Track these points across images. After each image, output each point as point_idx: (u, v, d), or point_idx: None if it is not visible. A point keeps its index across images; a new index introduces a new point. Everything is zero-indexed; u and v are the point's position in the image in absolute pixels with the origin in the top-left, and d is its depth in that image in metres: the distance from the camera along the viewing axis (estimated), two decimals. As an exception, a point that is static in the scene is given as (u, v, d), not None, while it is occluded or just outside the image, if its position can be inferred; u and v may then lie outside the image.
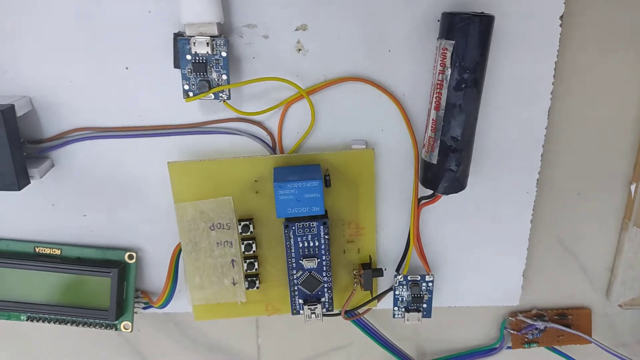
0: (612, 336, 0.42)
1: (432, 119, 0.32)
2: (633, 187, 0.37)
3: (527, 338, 0.41)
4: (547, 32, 0.32)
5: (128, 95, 0.34)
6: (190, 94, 0.32)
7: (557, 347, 0.41)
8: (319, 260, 0.35)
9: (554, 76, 0.33)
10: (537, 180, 0.36)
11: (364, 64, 0.33)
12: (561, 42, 0.33)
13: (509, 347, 0.42)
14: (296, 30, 0.32)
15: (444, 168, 0.32)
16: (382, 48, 0.33)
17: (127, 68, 0.33)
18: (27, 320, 0.38)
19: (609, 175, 0.37)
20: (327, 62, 0.33)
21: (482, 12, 0.30)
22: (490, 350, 0.42)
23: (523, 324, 0.41)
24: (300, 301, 0.36)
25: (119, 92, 0.34)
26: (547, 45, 0.33)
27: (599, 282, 0.40)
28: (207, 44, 0.30)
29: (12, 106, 0.32)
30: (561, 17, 0.32)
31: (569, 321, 0.41)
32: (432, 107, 0.31)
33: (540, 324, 0.40)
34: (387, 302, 0.39)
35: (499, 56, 0.32)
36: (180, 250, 0.36)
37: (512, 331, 0.41)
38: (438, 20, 0.32)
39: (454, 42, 0.30)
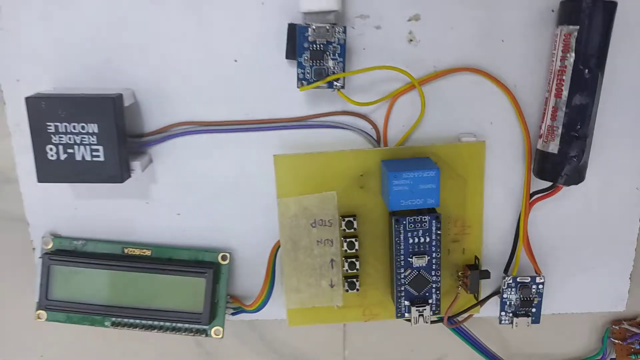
0: None
1: (552, 107, 0.31)
2: None
3: (633, 348, 0.39)
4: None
5: (234, 88, 0.33)
6: (305, 82, 0.31)
7: (665, 359, 0.39)
8: (429, 257, 0.33)
9: (667, 68, 0.33)
10: (648, 176, 0.35)
11: (475, 54, 0.33)
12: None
13: (612, 359, 0.39)
14: (409, 20, 0.32)
15: (566, 157, 0.31)
16: (495, 38, 0.32)
17: (235, 60, 0.33)
18: (111, 326, 0.36)
19: None
20: (438, 53, 0.33)
21: (603, -1, 0.30)
22: (593, 362, 0.40)
23: (628, 333, 0.39)
24: (407, 303, 0.34)
25: (225, 85, 0.33)
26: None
27: None
28: (327, 30, 0.30)
29: (121, 95, 0.32)
30: (676, 7, 0.32)
31: (677, 330, 0.39)
32: (552, 94, 0.31)
33: (647, 333, 0.38)
34: (485, 309, 0.37)
35: (617, 45, 0.32)
36: (277, 250, 0.35)
37: (616, 340, 0.39)
38: (552, 11, 0.32)
39: (578, 27, 0.29)
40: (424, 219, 0.32)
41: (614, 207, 0.36)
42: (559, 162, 0.31)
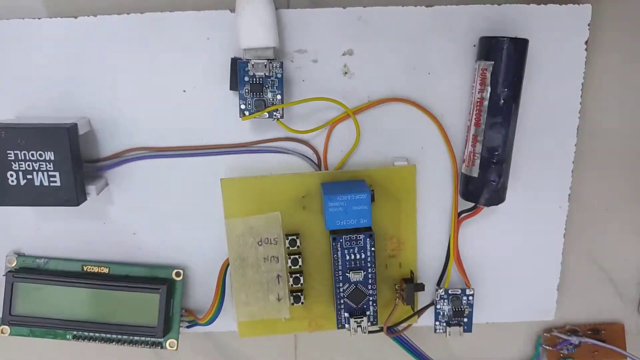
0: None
1: (473, 135, 0.34)
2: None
3: (562, 354, 0.42)
4: (574, 55, 0.35)
5: (183, 116, 0.36)
6: (247, 113, 0.34)
7: (592, 363, 0.42)
8: (364, 273, 0.36)
9: (581, 96, 0.36)
10: (569, 195, 0.38)
11: (405, 85, 0.36)
12: (587, 64, 0.35)
13: (544, 364, 0.42)
14: (343, 55, 0.35)
15: (486, 180, 0.34)
16: (422, 71, 0.35)
17: (184, 91, 0.36)
18: (72, 339, 0.39)
19: (637, 190, 0.39)
20: (371, 84, 0.35)
21: (516, 37, 0.33)
22: (527, 367, 0.43)
23: (558, 340, 0.42)
24: (346, 314, 0.36)
25: (175, 113, 0.36)
26: (574, 67, 0.35)
27: (629, 296, 0.42)
28: (265, 66, 0.33)
29: (76, 125, 0.34)
30: (586, 42, 0.35)
31: (602, 336, 0.42)
32: (472, 123, 0.34)
33: (575, 339, 0.41)
34: (425, 319, 0.39)
35: (532, 77, 0.35)
36: (227, 266, 0.38)
37: (547, 347, 0.42)
38: (474, 46, 0.35)
39: (492, 62, 0.32)
40: (359, 237, 0.35)
41: (539, 224, 0.38)
42: (479, 185, 0.34)
